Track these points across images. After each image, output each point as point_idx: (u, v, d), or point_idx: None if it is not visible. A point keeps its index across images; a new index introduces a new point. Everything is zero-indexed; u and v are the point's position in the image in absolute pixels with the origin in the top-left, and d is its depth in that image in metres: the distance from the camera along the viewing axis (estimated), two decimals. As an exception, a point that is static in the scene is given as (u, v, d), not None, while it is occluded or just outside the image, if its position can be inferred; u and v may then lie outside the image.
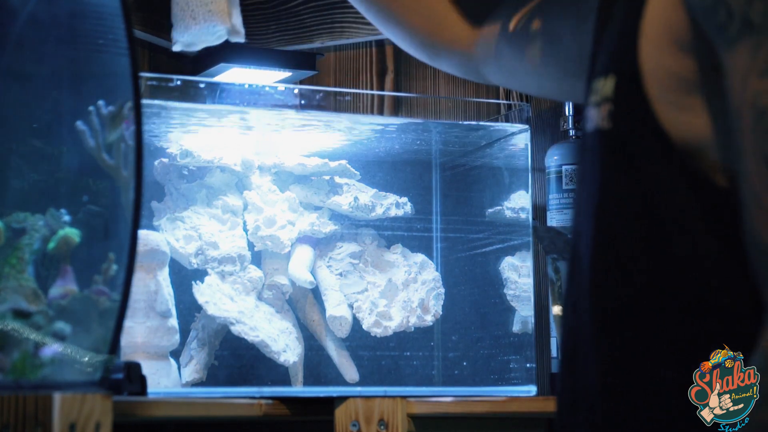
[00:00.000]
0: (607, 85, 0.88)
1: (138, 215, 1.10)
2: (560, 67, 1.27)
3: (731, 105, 0.80)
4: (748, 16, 0.79)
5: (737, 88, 0.80)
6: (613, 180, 0.89)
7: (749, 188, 0.79)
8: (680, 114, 0.85)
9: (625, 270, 0.88)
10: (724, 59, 0.81)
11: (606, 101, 0.88)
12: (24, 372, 1.09)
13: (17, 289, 1.15)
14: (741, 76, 0.79)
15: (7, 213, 1.22)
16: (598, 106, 0.89)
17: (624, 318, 0.89)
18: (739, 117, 0.79)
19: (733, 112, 0.80)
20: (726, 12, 0.80)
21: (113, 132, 1.22)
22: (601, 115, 0.88)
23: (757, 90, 0.78)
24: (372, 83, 2.52)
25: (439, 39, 1.39)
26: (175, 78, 1.71)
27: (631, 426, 0.87)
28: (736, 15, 0.79)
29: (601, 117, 0.88)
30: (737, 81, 0.80)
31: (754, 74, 0.78)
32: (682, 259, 0.86)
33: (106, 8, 1.20)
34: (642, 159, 0.87)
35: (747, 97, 0.79)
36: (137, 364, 1.18)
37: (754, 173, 0.78)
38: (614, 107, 0.87)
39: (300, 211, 1.94)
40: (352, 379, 1.92)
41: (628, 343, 0.88)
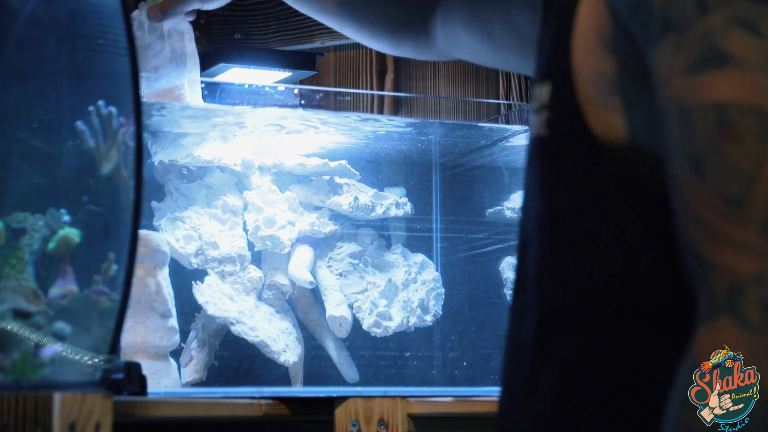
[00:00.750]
0: (544, 92, 0.88)
1: (138, 215, 1.10)
2: (522, 52, 1.29)
3: (659, 105, 0.80)
4: (667, 15, 0.78)
5: (662, 87, 0.79)
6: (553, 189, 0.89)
7: (677, 190, 0.78)
8: (604, 112, 0.85)
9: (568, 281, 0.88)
10: (649, 59, 0.81)
11: (544, 108, 0.88)
12: (24, 372, 1.09)
13: (17, 289, 1.15)
14: (665, 75, 0.79)
15: (7, 213, 1.22)
16: (537, 113, 0.89)
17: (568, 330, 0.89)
18: (666, 117, 0.79)
19: (660, 113, 0.80)
20: (647, 11, 0.79)
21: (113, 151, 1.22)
22: (540, 123, 0.88)
23: (680, 88, 0.77)
24: (372, 83, 2.52)
25: (402, 26, 1.40)
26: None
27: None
28: (657, 14, 0.79)
29: (540, 124, 0.88)
30: (662, 80, 0.79)
31: (676, 72, 0.78)
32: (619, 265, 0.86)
33: (106, 8, 1.20)
34: (575, 166, 0.87)
35: (671, 95, 0.78)
36: (137, 364, 1.18)
37: (680, 175, 0.78)
38: (551, 114, 0.88)
39: (300, 211, 1.94)
40: (352, 379, 1.92)
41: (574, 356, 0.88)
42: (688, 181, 0.77)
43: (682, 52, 0.78)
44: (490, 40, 1.33)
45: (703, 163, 0.76)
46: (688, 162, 0.77)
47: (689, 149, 0.77)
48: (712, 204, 0.76)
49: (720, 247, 0.76)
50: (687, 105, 0.77)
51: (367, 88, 2.50)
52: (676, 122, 0.78)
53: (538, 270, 0.91)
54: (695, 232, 0.77)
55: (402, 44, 1.44)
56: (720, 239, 0.76)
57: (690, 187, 0.77)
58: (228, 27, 2.50)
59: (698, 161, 0.76)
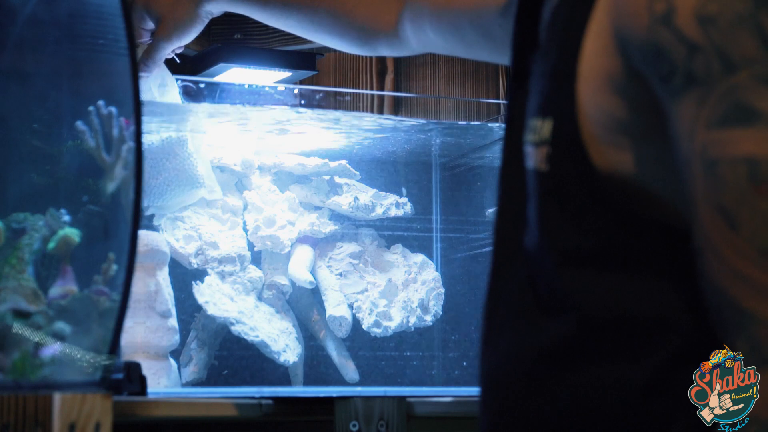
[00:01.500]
0: (545, 128, 0.89)
1: (138, 215, 1.10)
2: (494, 51, 1.31)
3: (678, 153, 0.82)
4: (691, 70, 0.80)
5: (685, 138, 0.81)
6: (553, 221, 0.90)
7: (704, 237, 0.80)
8: (610, 150, 0.87)
9: (567, 314, 0.89)
10: (668, 109, 0.83)
11: (544, 144, 0.90)
12: (24, 372, 1.09)
13: (17, 289, 1.15)
14: (688, 127, 0.81)
15: (7, 213, 1.22)
16: (537, 146, 0.90)
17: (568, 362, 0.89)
18: (688, 165, 0.81)
19: (680, 160, 0.82)
20: (668, 66, 0.81)
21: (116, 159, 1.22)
22: (539, 157, 0.90)
23: (705, 141, 0.80)
24: (372, 83, 2.52)
25: (374, 27, 1.42)
26: (175, 78, 1.71)
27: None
28: (679, 69, 0.81)
29: (540, 159, 0.90)
30: (685, 131, 0.81)
31: (700, 126, 0.80)
32: (622, 295, 0.87)
33: (106, 8, 1.20)
34: (578, 201, 0.89)
35: (695, 147, 0.80)
36: (137, 364, 1.18)
37: (708, 223, 0.80)
38: (552, 150, 0.89)
39: (300, 211, 1.94)
40: (352, 379, 1.92)
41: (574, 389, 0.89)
42: (720, 231, 0.79)
43: (707, 107, 0.80)
44: (463, 42, 1.34)
45: (737, 215, 0.78)
46: (718, 212, 0.79)
47: (718, 200, 0.79)
48: (748, 255, 0.78)
49: (761, 298, 0.78)
50: (714, 157, 0.79)
51: (367, 88, 2.50)
52: (701, 172, 0.80)
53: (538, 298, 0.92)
54: (728, 280, 0.79)
55: (377, 50, 1.46)
56: (760, 290, 0.78)
57: (723, 238, 0.79)
58: (228, 27, 2.50)
59: (729, 212, 0.79)
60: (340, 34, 1.45)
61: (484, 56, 1.38)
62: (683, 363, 0.85)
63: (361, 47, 1.47)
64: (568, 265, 0.89)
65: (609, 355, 0.87)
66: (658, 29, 0.81)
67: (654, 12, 0.81)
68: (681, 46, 0.80)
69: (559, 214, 0.90)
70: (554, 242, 0.90)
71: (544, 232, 0.91)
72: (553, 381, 0.89)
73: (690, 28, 0.80)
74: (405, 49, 1.44)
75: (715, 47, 0.79)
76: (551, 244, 0.90)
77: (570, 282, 0.89)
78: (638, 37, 0.82)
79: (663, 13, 0.81)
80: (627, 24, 0.84)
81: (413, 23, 1.39)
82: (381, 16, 1.43)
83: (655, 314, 0.87)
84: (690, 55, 0.80)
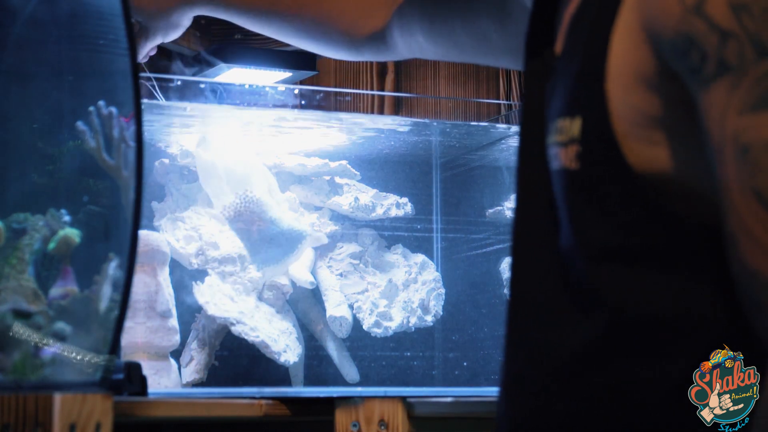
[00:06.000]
0: (574, 127, 0.89)
1: (138, 215, 1.10)
2: (489, 56, 1.31)
3: (709, 141, 0.82)
4: (723, 57, 0.80)
5: (715, 125, 0.81)
6: (584, 219, 0.90)
7: (737, 221, 0.81)
8: (644, 146, 0.87)
9: (597, 311, 0.89)
10: (698, 98, 0.83)
11: (573, 142, 0.89)
12: (24, 372, 1.09)
13: (17, 290, 1.15)
14: (719, 114, 0.81)
15: (8, 213, 1.22)
16: (565, 146, 0.90)
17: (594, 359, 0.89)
18: (720, 152, 0.81)
19: (711, 148, 0.82)
20: (700, 55, 0.82)
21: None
22: (568, 156, 0.90)
23: (738, 127, 0.80)
24: (372, 83, 2.52)
25: (359, 32, 1.41)
26: (176, 78, 1.71)
27: None
28: (711, 57, 0.81)
29: (569, 158, 0.90)
30: (715, 118, 0.81)
31: (732, 112, 0.80)
32: (658, 294, 0.87)
33: (106, 8, 1.20)
34: (611, 198, 0.89)
35: (727, 134, 0.80)
36: (137, 365, 1.18)
37: (742, 207, 0.80)
38: (582, 148, 0.89)
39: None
40: (352, 379, 1.92)
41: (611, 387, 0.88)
42: (755, 214, 0.80)
43: (739, 92, 0.80)
44: (456, 48, 1.34)
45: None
46: (753, 195, 0.79)
47: (752, 184, 0.79)
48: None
49: None
50: (747, 142, 0.79)
51: (367, 89, 2.50)
52: (733, 158, 0.80)
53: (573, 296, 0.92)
54: (764, 261, 0.79)
55: (362, 54, 1.46)
56: None
57: (757, 219, 0.79)
58: (228, 27, 2.50)
59: (764, 195, 0.79)
60: (324, 40, 1.45)
61: (478, 60, 1.38)
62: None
63: (346, 52, 1.46)
64: (600, 263, 0.89)
65: (643, 352, 0.87)
66: (691, 19, 0.81)
67: (685, 3, 0.81)
68: (713, 35, 0.81)
69: (590, 211, 0.90)
70: (586, 239, 0.90)
71: (575, 230, 0.91)
72: (586, 379, 0.89)
73: (723, 16, 0.80)
74: (392, 54, 1.44)
75: (748, 34, 0.79)
76: (583, 242, 0.90)
77: (603, 279, 0.89)
78: (670, 28, 0.83)
79: (695, 4, 0.81)
80: (658, 18, 0.84)
81: (402, 29, 1.38)
82: (365, 21, 1.42)
83: (689, 311, 0.86)
84: (722, 42, 0.80)
